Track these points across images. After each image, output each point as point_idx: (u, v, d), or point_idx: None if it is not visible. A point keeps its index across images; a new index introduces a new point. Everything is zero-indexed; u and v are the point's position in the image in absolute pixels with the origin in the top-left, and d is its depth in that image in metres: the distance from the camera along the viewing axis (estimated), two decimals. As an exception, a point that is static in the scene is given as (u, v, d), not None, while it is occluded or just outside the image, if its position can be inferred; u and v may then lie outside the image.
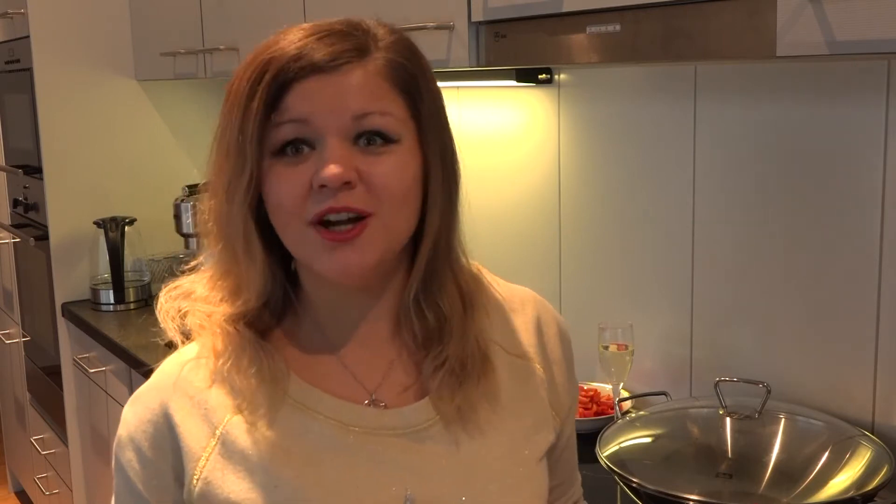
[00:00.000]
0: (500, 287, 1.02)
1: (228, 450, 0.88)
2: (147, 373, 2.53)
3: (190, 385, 0.90)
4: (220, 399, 0.89)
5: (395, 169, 0.85)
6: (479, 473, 0.91)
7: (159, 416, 0.90)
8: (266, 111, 0.83)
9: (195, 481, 0.88)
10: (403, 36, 0.90)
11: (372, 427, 0.90)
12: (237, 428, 0.88)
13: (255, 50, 0.87)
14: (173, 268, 3.03)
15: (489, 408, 0.94)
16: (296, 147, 0.84)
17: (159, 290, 0.95)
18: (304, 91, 0.83)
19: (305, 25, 0.87)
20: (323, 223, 0.84)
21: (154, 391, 0.92)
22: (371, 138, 0.85)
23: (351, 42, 0.85)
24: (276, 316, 0.93)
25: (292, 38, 0.85)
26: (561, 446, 1.03)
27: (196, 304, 0.92)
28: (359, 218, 0.84)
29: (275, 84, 0.83)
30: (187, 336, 0.93)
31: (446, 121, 0.93)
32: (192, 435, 0.89)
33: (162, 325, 0.92)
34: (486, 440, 0.92)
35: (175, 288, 0.94)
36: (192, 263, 0.96)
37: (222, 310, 0.91)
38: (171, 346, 0.94)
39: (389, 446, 0.89)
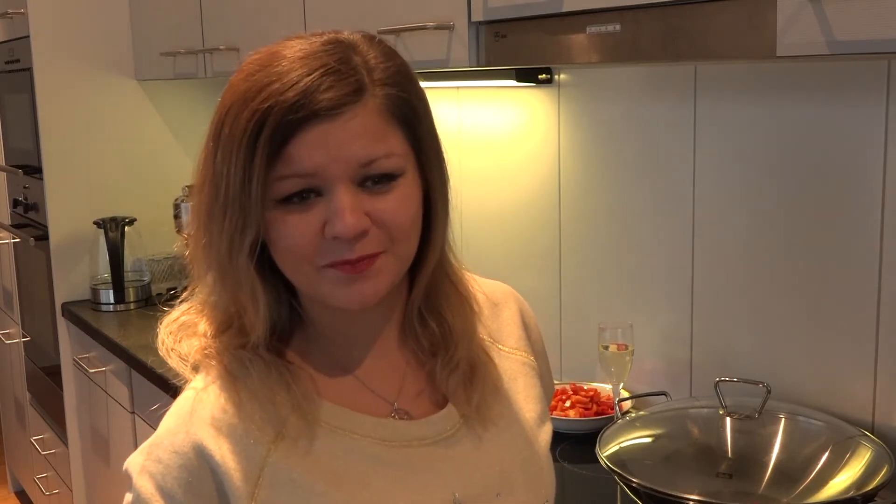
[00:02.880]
0: (481, 284, 1.04)
1: (278, 481, 0.85)
2: (146, 372, 2.54)
3: (219, 420, 0.86)
4: (256, 430, 0.86)
5: (402, 203, 0.86)
6: (506, 467, 0.95)
7: (193, 458, 0.85)
8: (268, 165, 0.82)
9: None
10: (395, 57, 0.88)
11: (406, 440, 0.91)
12: (282, 457, 0.86)
13: (243, 85, 0.83)
14: (173, 268, 3.03)
15: (499, 402, 0.98)
16: (302, 195, 0.83)
17: (159, 290, 0.94)
18: (308, 142, 0.81)
19: (290, 53, 0.83)
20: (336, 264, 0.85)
21: (180, 434, 0.86)
22: (377, 179, 0.84)
23: (349, 83, 0.82)
24: (285, 337, 0.93)
25: (287, 79, 0.81)
26: None
27: (202, 338, 0.90)
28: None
29: (276, 138, 0.81)
30: (196, 369, 0.91)
31: (437, 133, 0.92)
32: (237, 472, 0.85)
33: (168, 362, 0.90)
34: (503, 433, 0.96)
35: (174, 321, 0.92)
36: (184, 295, 0.94)
37: (230, 340, 0.90)
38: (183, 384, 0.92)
39: (426, 455, 0.91)
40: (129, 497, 0.88)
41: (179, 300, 0.94)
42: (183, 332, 0.92)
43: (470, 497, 0.91)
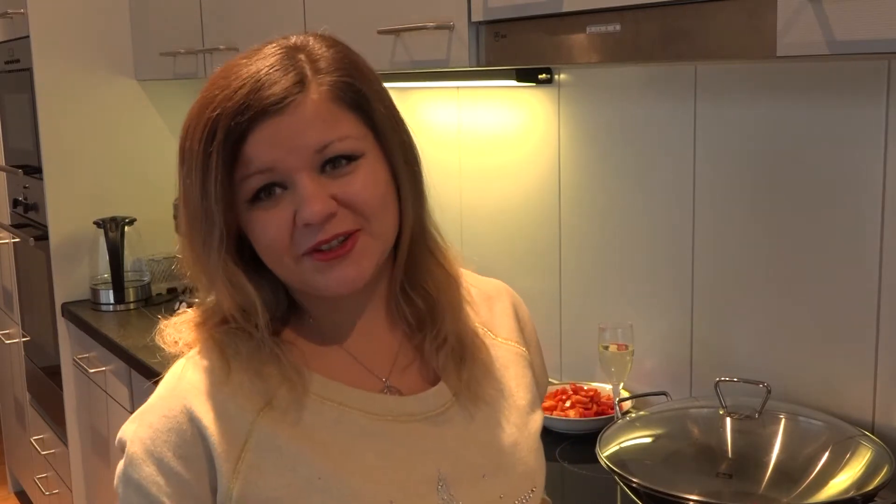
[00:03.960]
0: (475, 280, 1.07)
1: (264, 447, 0.87)
2: (146, 372, 2.54)
3: (210, 386, 0.89)
4: (244, 398, 0.88)
5: (368, 182, 0.88)
6: (494, 449, 0.97)
7: (183, 422, 0.87)
8: (226, 169, 0.85)
9: (233, 484, 0.86)
10: (340, 48, 0.91)
11: (395, 414, 0.93)
12: (269, 424, 0.88)
13: (198, 101, 0.88)
14: (173, 268, 3.03)
15: (490, 382, 1.00)
16: (268, 191, 0.86)
17: (159, 290, 0.95)
18: (261, 139, 0.84)
19: (240, 62, 0.88)
20: (315, 250, 0.87)
21: (170, 399, 0.90)
22: (336, 162, 0.87)
23: (291, 76, 0.85)
24: (282, 319, 0.95)
25: (233, 86, 0.85)
26: None
27: (199, 325, 0.93)
28: (348, 234, 0.88)
29: (228, 141, 0.84)
30: (190, 347, 0.94)
31: (397, 114, 0.94)
32: (224, 436, 0.87)
33: (163, 346, 0.93)
34: (495, 415, 0.98)
35: (171, 322, 0.95)
36: (185, 309, 0.97)
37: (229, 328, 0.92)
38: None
39: (414, 431, 0.93)
40: (121, 465, 0.91)
41: (182, 310, 0.97)
42: (184, 324, 0.94)
43: (455, 475, 0.93)
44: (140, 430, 0.89)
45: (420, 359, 0.98)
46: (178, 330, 0.94)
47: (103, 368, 2.78)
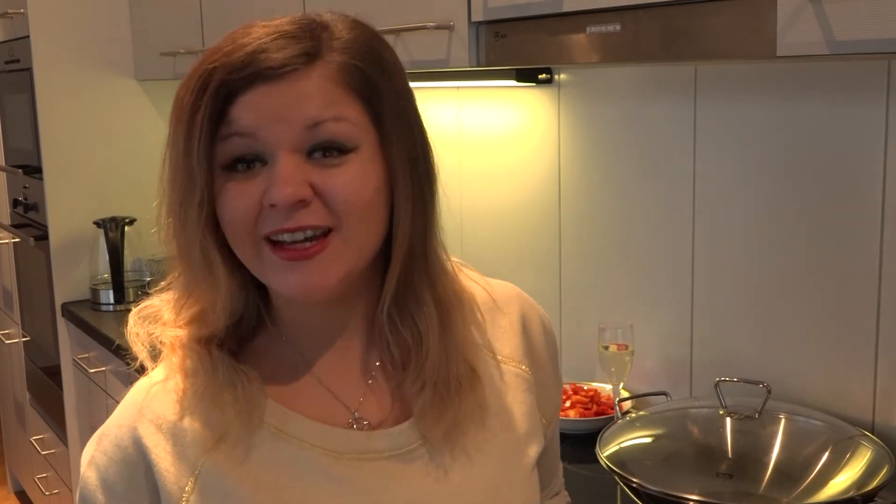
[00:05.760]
0: (482, 284, 0.97)
1: (210, 488, 0.82)
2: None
3: (161, 418, 0.84)
4: (195, 432, 0.83)
5: (354, 180, 0.79)
6: (469, 494, 0.88)
7: (134, 454, 0.84)
8: (211, 125, 0.78)
9: None
10: (365, 32, 0.84)
11: (359, 451, 0.85)
12: (217, 464, 0.83)
13: (202, 55, 0.82)
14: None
15: (478, 426, 0.89)
16: (247, 163, 0.79)
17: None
18: (250, 102, 0.78)
19: (258, 24, 0.81)
20: (276, 241, 0.80)
21: (124, 428, 0.86)
22: (327, 150, 0.79)
23: (302, 45, 0.79)
24: (248, 334, 0.89)
25: (240, 43, 0.79)
26: (545, 445, 0.99)
27: (165, 328, 0.87)
28: (319, 234, 0.79)
29: (219, 96, 0.78)
30: (155, 358, 0.88)
31: (416, 119, 0.86)
32: (171, 474, 0.83)
33: (132, 350, 0.87)
34: (475, 462, 0.88)
35: (144, 308, 0.89)
36: (163, 283, 0.90)
37: (189, 331, 0.86)
38: (141, 371, 0.90)
39: (379, 471, 0.85)
40: (79, 487, 0.89)
41: (157, 289, 0.90)
42: (152, 319, 0.88)
43: None
44: (97, 455, 0.87)
45: (398, 398, 0.89)
46: (147, 327, 0.87)
47: (103, 368, 2.78)
